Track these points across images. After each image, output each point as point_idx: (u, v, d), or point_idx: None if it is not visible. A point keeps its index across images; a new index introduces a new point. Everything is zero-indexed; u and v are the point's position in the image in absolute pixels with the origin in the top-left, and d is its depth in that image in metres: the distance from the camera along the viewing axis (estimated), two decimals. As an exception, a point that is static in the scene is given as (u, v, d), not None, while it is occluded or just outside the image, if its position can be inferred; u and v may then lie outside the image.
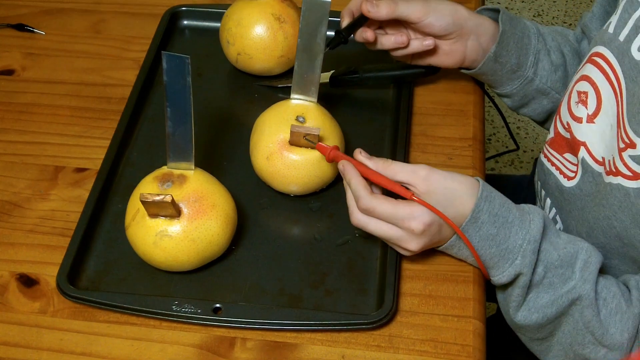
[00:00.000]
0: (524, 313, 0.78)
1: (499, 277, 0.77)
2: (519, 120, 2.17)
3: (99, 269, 0.82)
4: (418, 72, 0.96)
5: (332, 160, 0.81)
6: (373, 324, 0.75)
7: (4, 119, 0.97)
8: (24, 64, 1.04)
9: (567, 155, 0.87)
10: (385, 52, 0.95)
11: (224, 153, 0.91)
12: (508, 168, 2.08)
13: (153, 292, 0.79)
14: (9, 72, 1.03)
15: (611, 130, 0.79)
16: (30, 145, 0.94)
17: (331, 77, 0.96)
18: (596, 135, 0.82)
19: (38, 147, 0.93)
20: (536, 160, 1.00)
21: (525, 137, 2.14)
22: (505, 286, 0.79)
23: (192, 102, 0.75)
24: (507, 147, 2.09)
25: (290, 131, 0.81)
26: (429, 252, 0.81)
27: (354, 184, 0.77)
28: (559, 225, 0.90)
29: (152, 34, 1.04)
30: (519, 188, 1.19)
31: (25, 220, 0.86)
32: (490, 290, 0.83)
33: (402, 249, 0.78)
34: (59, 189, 0.89)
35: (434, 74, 0.97)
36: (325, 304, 0.78)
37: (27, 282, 0.81)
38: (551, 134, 0.91)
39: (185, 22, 1.08)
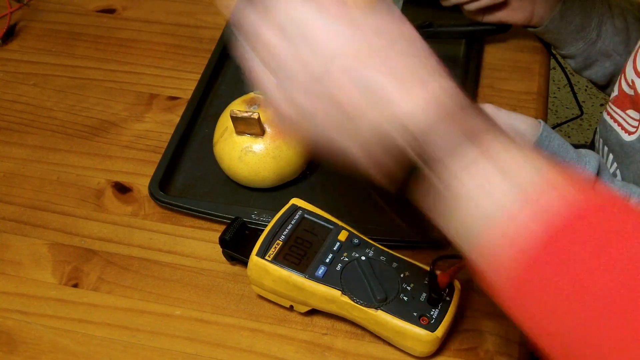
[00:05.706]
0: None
1: (554, 212, 0.82)
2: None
3: (186, 182, 0.89)
4: (489, 28, 1.01)
5: None
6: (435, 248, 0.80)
7: (105, 51, 1.06)
8: (124, 4, 1.13)
9: (630, 112, 0.92)
10: (459, 11, 1.01)
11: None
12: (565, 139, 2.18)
13: (235, 204, 0.87)
14: (111, 11, 1.12)
15: None
16: (128, 74, 1.02)
17: (407, 30, 1.02)
18: None
19: (135, 77, 1.02)
20: (595, 129, 1.05)
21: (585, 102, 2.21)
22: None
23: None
24: (566, 116, 2.15)
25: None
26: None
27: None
28: (618, 178, 0.95)
29: (243, -17, 1.11)
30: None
31: (121, 137, 0.94)
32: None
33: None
34: (153, 113, 0.97)
35: (504, 32, 1.02)
36: (390, 227, 0.84)
37: (121, 189, 0.89)
38: (615, 93, 0.96)
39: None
